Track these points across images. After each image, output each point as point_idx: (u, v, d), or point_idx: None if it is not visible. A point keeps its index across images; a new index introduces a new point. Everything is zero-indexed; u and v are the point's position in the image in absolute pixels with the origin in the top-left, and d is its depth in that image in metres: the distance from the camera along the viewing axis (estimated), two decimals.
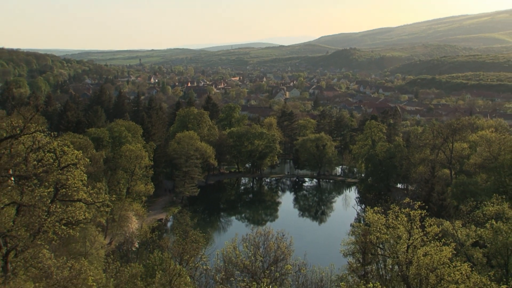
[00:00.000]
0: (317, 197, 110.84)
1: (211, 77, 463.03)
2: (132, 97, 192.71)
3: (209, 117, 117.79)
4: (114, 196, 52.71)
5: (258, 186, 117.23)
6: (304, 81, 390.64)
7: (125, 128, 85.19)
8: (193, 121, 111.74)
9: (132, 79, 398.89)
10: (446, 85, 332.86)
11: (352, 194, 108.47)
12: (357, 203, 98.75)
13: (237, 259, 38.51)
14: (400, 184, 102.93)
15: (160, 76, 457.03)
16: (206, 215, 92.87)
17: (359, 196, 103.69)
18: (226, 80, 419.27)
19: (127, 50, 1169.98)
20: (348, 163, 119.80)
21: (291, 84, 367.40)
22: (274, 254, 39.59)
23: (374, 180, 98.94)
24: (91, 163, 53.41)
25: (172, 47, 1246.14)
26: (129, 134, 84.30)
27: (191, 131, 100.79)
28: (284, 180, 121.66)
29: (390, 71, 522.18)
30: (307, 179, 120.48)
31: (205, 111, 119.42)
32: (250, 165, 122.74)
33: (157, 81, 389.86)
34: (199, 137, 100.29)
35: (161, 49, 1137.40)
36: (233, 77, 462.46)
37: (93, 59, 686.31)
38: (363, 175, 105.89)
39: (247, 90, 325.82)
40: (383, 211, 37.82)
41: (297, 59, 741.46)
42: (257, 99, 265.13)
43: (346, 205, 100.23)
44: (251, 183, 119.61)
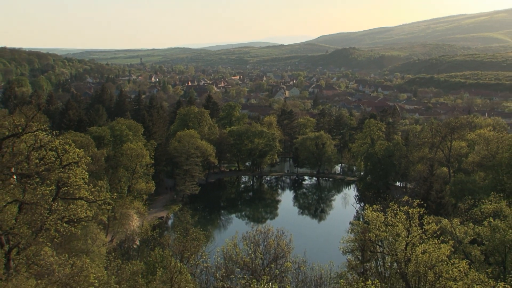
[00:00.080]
0: (317, 195, 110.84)
1: (211, 76, 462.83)
2: (133, 96, 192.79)
3: (209, 116, 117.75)
4: (115, 194, 52.70)
5: (258, 184, 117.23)
6: (303, 80, 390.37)
7: (126, 126, 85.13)
8: (193, 119, 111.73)
9: (133, 78, 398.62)
10: (444, 84, 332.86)
11: (351, 192, 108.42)
12: (356, 201, 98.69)
13: (237, 256, 38.60)
14: (399, 182, 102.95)
15: (161, 75, 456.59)
16: (206, 213, 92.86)
17: (358, 194, 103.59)
18: (226, 79, 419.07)
19: (128, 49, 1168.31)
20: (347, 161, 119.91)
21: (291, 83, 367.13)
22: (274, 251, 39.68)
23: (373, 178, 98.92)
24: (92, 161, 53.30)
25: (172, 46, 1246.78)
26: (130, 132, 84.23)
27: (191, 129, 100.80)
28: (284, 178, 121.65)
29: (389, 70, 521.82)
30: (306, 177, 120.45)
31: (206, 110, 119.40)
32: (250, 163, 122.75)
33: (158, 80, 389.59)
34: (199, 135, 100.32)
35: (162, 49, 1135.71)
36: (233, 76, 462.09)
37: (95, 58, 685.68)
38: (362, 173, 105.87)
39: (247, 89, 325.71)
40: (382, 209, 37.88)
41: (296, 58, 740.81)
42: (257, 98, 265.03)
43: (345, 203, 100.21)
44: (251, 181, 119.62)
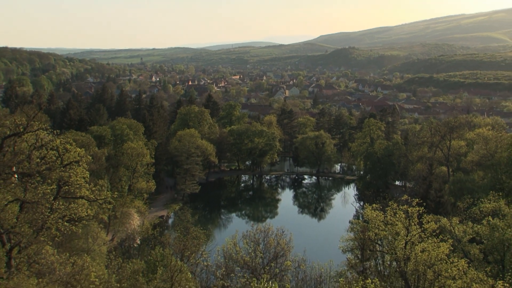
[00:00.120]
0: (316, 194, 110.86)
1: (211, 76, 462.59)
2: (133, 96, 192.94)
3: (209, 115, 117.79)
4: (116, 193, 52.52)
5: (258, 183, 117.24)
6: (303, 79, 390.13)
7: (127, 126, 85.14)
8: (194, 119, 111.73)
9: (133, 77, 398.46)
10: (443, 84, 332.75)
11: (351, 191, 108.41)
12: (355, 200, 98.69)
13: (238, 255, 38.61)
14: (398, 181, 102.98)
15: (161, 74, 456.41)
16: (206, 212, 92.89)
17: (357, 193, 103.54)
18: (226, 78, 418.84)
19: (128, 49, 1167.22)
20: (347, 160, 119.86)
21: (291, 82, 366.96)
22: (274, 250, 39.68)
23: (372, 177, 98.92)
24: (93, 160, 53.34)
25: (173, 46, 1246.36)
26: (131, 132, 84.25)
27: (192, 129, 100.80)
28: (283, 177, 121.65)
29: (388, 69, 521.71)
30: (306, 177, 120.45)
31: (206, 109, 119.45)
32: (250, 162, 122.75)
33: (158, 79, 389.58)
34: (199, 135, 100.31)
35: (162, 48, 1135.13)
36: (234, 76, 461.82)
37: (95, 58, 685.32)
38: (362, 173, 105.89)
39: (247, 88, 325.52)
40: (381, 208, 37.85)
41: (296, 58, 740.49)
42: (257, 98, 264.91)
43: (345, 202, 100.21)
44: (251, 181, 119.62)
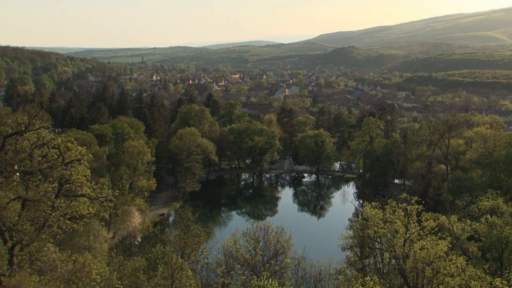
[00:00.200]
0: (316, 192, 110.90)
1: (212, 75, 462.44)
2: (134, 94, 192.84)
3: (210, 114, 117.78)
4: (117, 191, 52.47)
5: (258, 181, 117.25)
6: (303, 78, 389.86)
7: (127, 124, 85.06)
8: (194, 117, 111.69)
9: (134, 76, 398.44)
10: (442, 83, 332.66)
11: (350, 189, 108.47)
12: (355, 198, 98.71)
13: (238, 253, 38.60)
14: (397, 179, 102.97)
15: (162, 73, 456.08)
16: (207, 210, 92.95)
17: (357, 191, 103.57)
18: (226, 77, 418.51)
19: (129, 48, 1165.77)
20: (346, 159, 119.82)
21: (291, 81, 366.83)
22: (274, 248, 39.68)
23: (371, 175, 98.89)
24: (94, 159, 53.32)
25: (174, 45, 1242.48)
26: (132, 130, 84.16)
27: (192, 127, 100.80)
28: (283, 175, 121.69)
29: (387, 68, 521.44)
30: (306, 175, 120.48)
31: (206, 108, 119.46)
32: (250, 161, 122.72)
33: (159, 78, 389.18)
34: (200, 133, 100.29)
35: (163, 47, 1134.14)
36: (234, 75, 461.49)
37: (96, 57, 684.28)
38: (361, 171, 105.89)
39: (247, 87, 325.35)
40: (380, 206, 37.86)
41: (296, 57, 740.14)
42: (257, 96, 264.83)
43: (344, 200, 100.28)
44: (251, 179, 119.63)
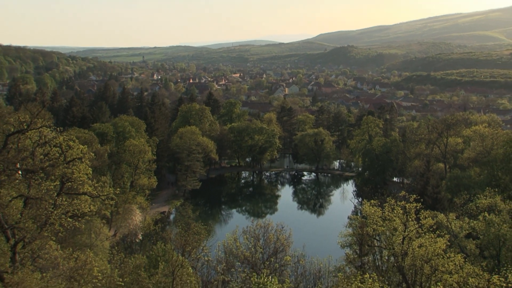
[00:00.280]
0: (316, 191, 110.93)
1: (212, 74, 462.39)
2: (135, 93, 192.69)
3: (210, 113, 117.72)
4: (118, 189, 52.64)
5: (258, 179, 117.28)
6: (303, 77, 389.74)
7: (128, 123, 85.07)
8: (195, 116, 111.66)
9: (135, 75, 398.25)
10: (441, 82, 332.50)
11: (349, 187, 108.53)
12: (354, 196, 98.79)
13: (238, 250, 38.61)
14: (396, 177, 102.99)
15: (162, 72, 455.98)
16: (207, 208, 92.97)
17: (356, 189, 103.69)
18: (227, 76, 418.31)
19: (130, 47, 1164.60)
20: (345, 157, 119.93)
21: (290, 80, 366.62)
22: (273, 245, 39.68)
23: (371, 174, 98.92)
24: (96, 157, 53.38)
25: (174, 44, 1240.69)
26: (133, 129, 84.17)
27: (193, 126, 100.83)
28: (283, 174, 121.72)
29: (386, 68, 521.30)
30: (305, 173, 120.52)
31: (207, 107, 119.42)
32: (250, 159, 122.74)
33: (160, 77, 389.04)
34: (200, 132, 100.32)
35: (163, 47, 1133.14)
36: (234, 74, 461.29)
37: (98, 56, 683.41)
38: (360, 169, 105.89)
39: (248, 86, 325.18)
40: (379, 204, 37.87)
41: (296, 56, 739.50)
42: (257, 95, 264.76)
43: (343, 198, 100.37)
44: (251, 177, 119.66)
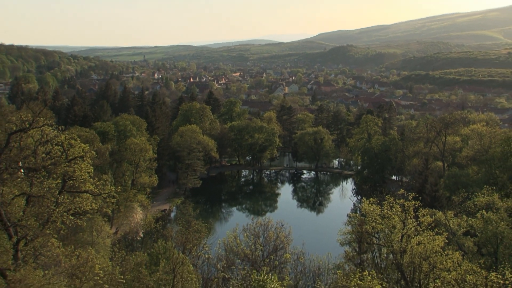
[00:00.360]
0: (315, 189, 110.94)
1: (212, 73, 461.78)
2: (136, 92, 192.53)
3: (211, 112, 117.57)
4: (119, 187, 52.76)
5: (258, 178, 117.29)
6: (302, 76, 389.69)
7: (130, 122, 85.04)
8: (195, 115, 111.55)
9: (136, 74, 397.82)
10: (439, 81, 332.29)
11: (348, 185, 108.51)
12: (353, 194, 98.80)
13: (238, 248, 38.67)
14: (395, 176, 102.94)
15: (163, 72, 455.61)
16: (208, 206, 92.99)
17: (355, 187, 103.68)
18: (227, 75, 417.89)
19: (131, 46, 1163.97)
20: (345, 156, 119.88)
21: (290, 79, 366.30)
22: (273, 243, 39.73)
23: (370, 172, 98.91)
24: (97, 156, 53.26)
25: (175, 44, 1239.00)
26: (134, 128, 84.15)
27: (193, 125, 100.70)
28: (283, 172, 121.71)
29: (385, 67, 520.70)
30: (305, 171, 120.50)
31: (207, 106, 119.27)
32: (250, 157, 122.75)
33: (160, 76, 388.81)
34: (201, 130, 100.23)
35: (164, 46, 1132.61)
36: (234, 73, 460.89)
37: (99, 56, 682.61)
38: (359, 168, 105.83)
39: (248, 85, 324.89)
40: (378, 202, 37.87)
41: (295, 55, 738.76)
42: (257, 94, 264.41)
43: (343, 196, 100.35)
44: (252, 175, 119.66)
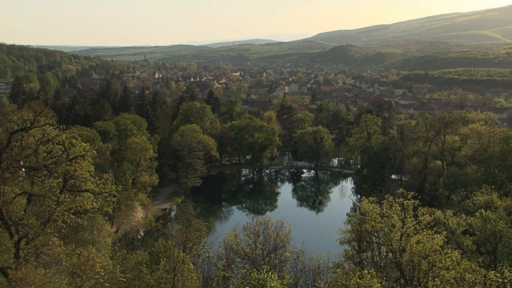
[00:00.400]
0: (315, 188, 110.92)
1: (213, 73, 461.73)
2: (137, 92, 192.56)
3: (211, 111, 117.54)
4: (120, 186, 52.56)
5: (258, 177, 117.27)
6: (302, 76, 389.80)
7: (130, 121, 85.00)
8: (195, 114, 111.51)
9: (137, 74, 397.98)
10: (438, 80, 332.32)
11: (348, 184, 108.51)
12: (353, 193, 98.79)
13: (238, 247, 38.69)
14: (394, 175, 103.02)
15: (164, 71, 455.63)
16: (208, 205, 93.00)
17: (355, 186, 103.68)
18: (227, 75, 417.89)
19: (132, 46, 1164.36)
20: (344, 155, 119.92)
21: (290, 79, 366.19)
22: (273, 242, 39.75)
23: (369, 171, 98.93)
24: (98, 155, 53.23)
25: (175, 43, 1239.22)
26: (135, 127, 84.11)
27: (193, 124, 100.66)
28: (283, 171, 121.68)
29: (385, 66, 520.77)
30: (305, 171, 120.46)
31: (207, 105, 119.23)
32: (250, 157, 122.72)
33: (161, 76, 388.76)
34: (201, 130, 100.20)
35: (165, 46, 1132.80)
36: (234, 73, 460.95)
37: (100, 55, 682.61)
38: (359, 167, 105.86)
39: (248, 85, 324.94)
40: (378, 201, 37.89)
41: (295, 55, 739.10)
42: (257, 94, 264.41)
43: (342, 195, 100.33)
44: (252, 174, 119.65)
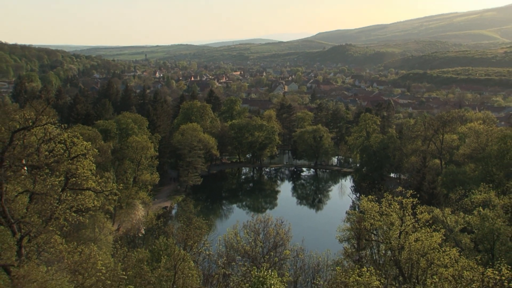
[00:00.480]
0: (314, 186, 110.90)
1: (213, 72, 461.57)
2: (138, 91, 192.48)
3: (211, 110, 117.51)
4: (121, 185, 52.52)
5: (258, 175, 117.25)
6: (302, 75, 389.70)
7: (131, 120, 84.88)
8: (196, 113, 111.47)
9: (138, 73, 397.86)
10: (437, 80, 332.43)
11: (347, 183, 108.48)
12: (352, 192, 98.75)
13: (238, 244, 38.69)
14: (393, 173, 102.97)
15: (164, 70, 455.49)
16: (208, 203, 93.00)
17: (354, 185, 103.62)
18: (227, 74, 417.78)
19: (133, 46, 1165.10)
20: (343, 153, 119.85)
21: (290, 78, 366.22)
22: (273, 240, 39.76)
23: (368, 169, 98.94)
24: (99, 153, 53.14)
25: (176, 43, 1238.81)
26: (136, 126, 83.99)
27: (194, 123, 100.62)
28: (283, 170, 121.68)
29: (384, 66, 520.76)
30: (304, 169, 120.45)
31: (208, 104, 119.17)
32: (250, 155, 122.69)
33: (162, 75, 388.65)
34: (202, 129, 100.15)
35: (165, 45, 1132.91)
36: (235, 72, 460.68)
37: (101, 55, 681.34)
38: (358, 165, 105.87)
39: (248, 84, 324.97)
40: (377, 199, 37.90)
41: (295, 54, 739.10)
42: (257, 93, 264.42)
43: (341, 193, 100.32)
44: (252, 173, 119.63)
